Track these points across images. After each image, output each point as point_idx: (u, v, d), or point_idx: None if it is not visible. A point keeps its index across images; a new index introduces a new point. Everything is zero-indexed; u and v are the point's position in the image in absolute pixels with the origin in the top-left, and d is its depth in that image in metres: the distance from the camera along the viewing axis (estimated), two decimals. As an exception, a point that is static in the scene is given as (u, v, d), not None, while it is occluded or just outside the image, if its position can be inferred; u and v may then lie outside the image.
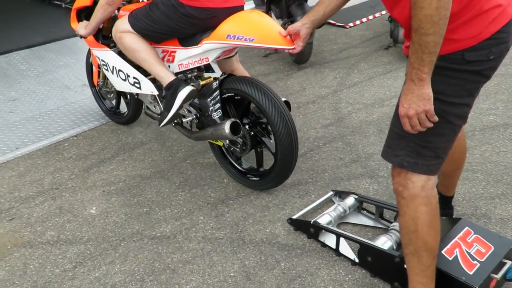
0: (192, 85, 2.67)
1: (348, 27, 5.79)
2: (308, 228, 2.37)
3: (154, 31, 2.55)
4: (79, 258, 2.33)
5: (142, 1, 2.99)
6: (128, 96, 3.34)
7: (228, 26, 2.41)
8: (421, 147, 1.65)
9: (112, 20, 2.98)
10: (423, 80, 1.47)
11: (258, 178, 2.74)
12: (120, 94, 3.50)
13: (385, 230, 2.35)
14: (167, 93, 2.56)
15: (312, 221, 2.36)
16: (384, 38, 5.34)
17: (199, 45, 2.52)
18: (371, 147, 3.19)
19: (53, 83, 4.29)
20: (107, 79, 3.38)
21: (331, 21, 5.81)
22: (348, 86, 4.16)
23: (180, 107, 2.54)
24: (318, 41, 5.32)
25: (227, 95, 2.62)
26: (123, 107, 3.58)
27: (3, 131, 3.53)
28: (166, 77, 2.56)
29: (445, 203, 2.36)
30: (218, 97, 2.59)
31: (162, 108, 2.70)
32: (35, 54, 4.91)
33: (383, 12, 6.25)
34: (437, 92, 1.53)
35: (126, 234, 2.47)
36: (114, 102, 3.63)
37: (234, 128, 2.51)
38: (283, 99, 2.54)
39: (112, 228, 2.52)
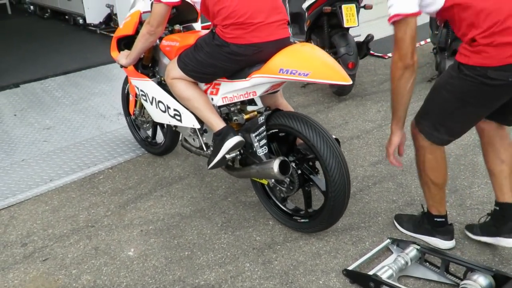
0: (236, 119, 2.58)
1: (387, 57, 5.63)
2: (367, 282, 2.14)
3: (202, 72, 2.47)
4: (117, 308, 2.15)
5: (184, 31, 2.87)
6: (165, 126, 3.21)
7: (280, 59, 2.27)
8: (439, 125, 2.12)
9: (153, 49, 2.87)
10: (392, 131, 2.25)
11: (306, 220, 2.54)
12: (156, 124, 3.37)
13: (454, 287, 2.12)
14: (216, 138, 2.50)
15: (372, 273, 2.14)
16: (426, 69, 5.15)
17: (247, 78, 2.38)
18: (425, 188, 2.96)
19: (88, 111, 4.20)
20: (144, 108, 3.26)
21: (371, 52, 5.65)
22: (393, 121, 3.95)
23: (227, 154, 2.47)
24: (357, 72, 5.15)
25: (273, 131, 2.47)
26: (159, 137, 3.45)
27: (37, 161, 3.42)
28: (216, 125, 2.49)
29: (506, 214, 2.29)
30: (264, 132, 2.43)
31: (210, 152, 2.63)
32: (70, 81, 4.86)
33: (422, 43, 6.07)
34: (460, 92, 1.98)
35: (167, 281, 2.29)
36: (149, 132, 3.51)
37: (283, 167, 2.35)
38: (333, 136, 2.37)
39: (152, 274, 2.34)
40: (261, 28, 2.29)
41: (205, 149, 2.78)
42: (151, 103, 2.91)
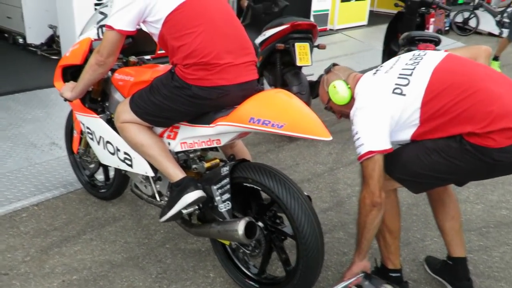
0: (195, 168, 2.36)
1: (338, 98, 5.57)
2: None
3: (158, 116, 2.19)
4: None
5: (139, 64, 2.59)
6: (114, 169, 2.83)
7: (251, 107, 2.02)
8: (418, 181, 2.08)
9: (103, 82, 2.56)
10: (353, 261, 2.19)
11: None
12: (103, 165, 2.99)
13: None
14: (174, 189, 2.20)
15: None
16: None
17: (211, 125, 2.11)
18: (377, 240, 2.81)
19: (17, 139, 3.81)
20: (90, 147, 2.90)
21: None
22: (344, 164, 3.84)
23: (183, 209, 2.17)
24: (308, 111, 5.06)
25: (238, 184, 2.16)
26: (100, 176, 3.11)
27: (-50, 194, 3.01)
28: (175, 175, 2.20)
29: (460, 269, 2.34)
30: (228, 185, 2.13)
31: (165, 203, 2.33)
32: (0, 105, 4.43)
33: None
34: (460, 161, 1.92)
35: None
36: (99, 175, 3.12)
37: (249, 230, 2.07)
38: (305, 193, 2.10)
39: (70, 336, 2.02)
40: (228, 69, 2.04)
41: (158, 198, 2.45)
42: (98, 142, 2.58)
